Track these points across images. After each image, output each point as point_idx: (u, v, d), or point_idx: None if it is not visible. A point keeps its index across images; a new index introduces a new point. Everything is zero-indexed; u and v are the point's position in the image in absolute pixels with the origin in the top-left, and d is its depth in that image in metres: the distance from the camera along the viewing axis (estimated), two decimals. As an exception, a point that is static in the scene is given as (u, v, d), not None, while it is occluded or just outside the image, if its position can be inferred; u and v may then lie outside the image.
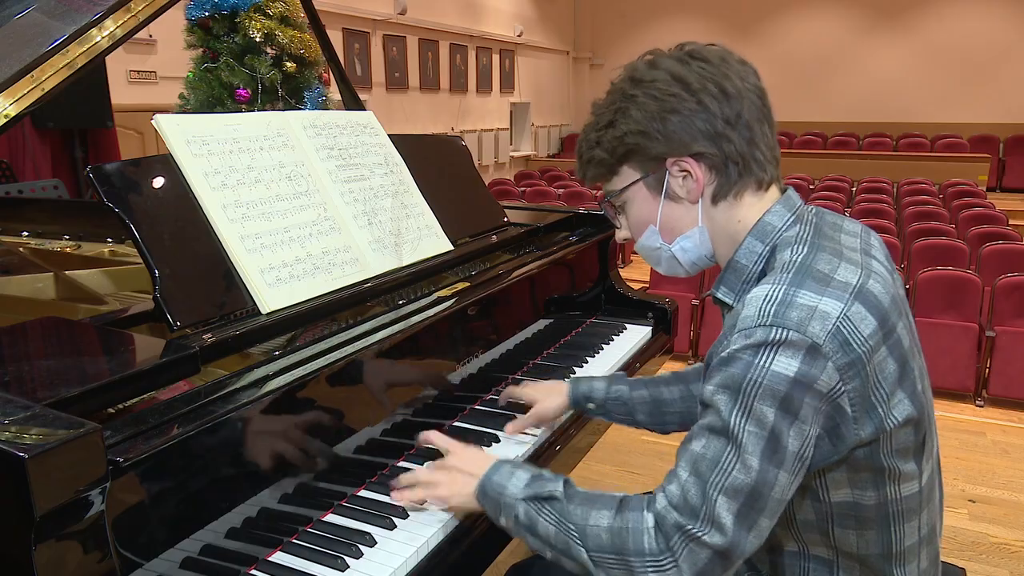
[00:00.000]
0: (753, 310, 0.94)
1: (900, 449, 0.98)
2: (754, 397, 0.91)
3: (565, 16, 13.46)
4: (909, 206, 6.63)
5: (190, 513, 0.99)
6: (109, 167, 1.25)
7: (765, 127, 1.05)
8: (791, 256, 1.00)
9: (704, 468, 0.93)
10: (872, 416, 0.94)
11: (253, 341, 1.23)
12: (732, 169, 1.04)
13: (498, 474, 1.11)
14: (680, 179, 1.06)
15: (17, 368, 1.05)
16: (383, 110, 8.08)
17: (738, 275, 1.08)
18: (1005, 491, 3.16)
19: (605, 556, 0.97)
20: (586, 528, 0.99)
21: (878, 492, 1.00)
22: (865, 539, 1.02)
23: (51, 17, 1.71)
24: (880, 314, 0.94)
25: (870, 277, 0.97)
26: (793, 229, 1.04)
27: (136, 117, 4.88)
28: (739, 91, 1.02)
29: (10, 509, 0.79)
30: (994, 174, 10.43)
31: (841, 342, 0.90)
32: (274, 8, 3.28)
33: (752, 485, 0.91)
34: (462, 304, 1.54)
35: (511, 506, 1.07)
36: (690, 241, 1.11)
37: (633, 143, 1.06)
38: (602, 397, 1.45)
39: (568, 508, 1.02)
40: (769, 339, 0.91)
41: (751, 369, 0.91)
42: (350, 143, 1.63)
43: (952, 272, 4.23)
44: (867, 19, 11.93)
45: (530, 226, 2.06)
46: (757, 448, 0.91)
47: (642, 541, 0.95)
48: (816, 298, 0.92)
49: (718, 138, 1.02)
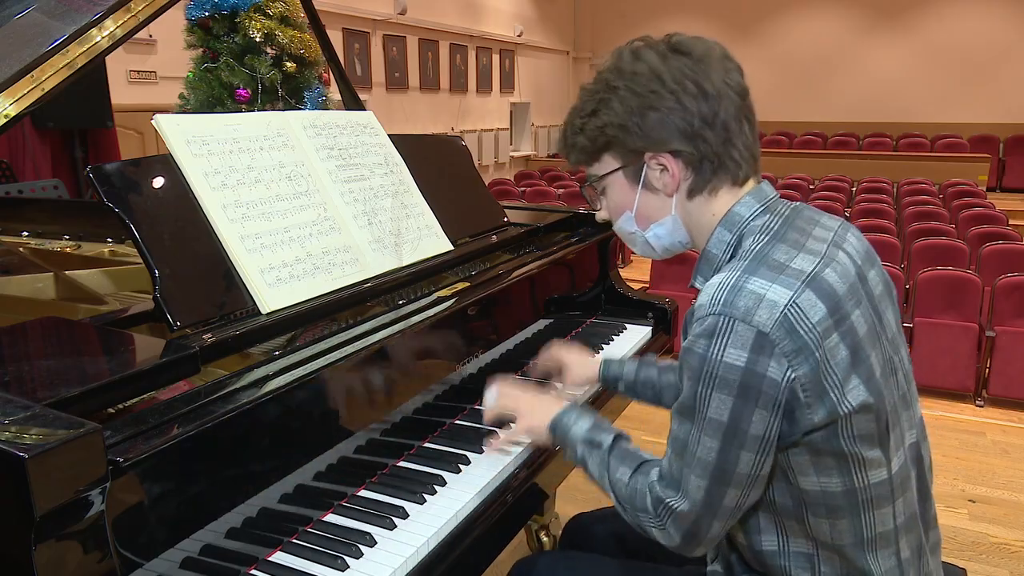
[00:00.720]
0: (706, 297, 0.98)
1: (861, 436, 0.99)
2: (712, 387, 0.97)
3: (565, 16, 13.46)
4: (909, 206, 6.62)
5: (190, 513, 0.99)
6: (109, 167, 1.25)
7: (744, 125, 1.07)
8: (751, 245, 1.04)
9: (678, 446, 1.03)
10: (824, 401, 0.96)
11: (253, 341, 1.23)
12: (707, 167, 1.08)
13: (567, 415, 1.27)
14: (657, 172, 1.10)
15: (17, 368, 1.05)
16: (383, 110, 8.08)
17: (709, 264, 1.12)
18: (1005, 491, 3.16)
19: (624, 504, 1.13)
20: (614, 479, 1.15)
21: (843, 479, 1.01)
22: (838, 528, 1.04)
23: (51, 17, 1.71)
24: (832, 302, 0.97)
25: (828, 266, 1.00)
26: (761, 219, 1.08)
27: (136, 117, 4.88)
28: (718, 90, 1.04)
29: (10, 509, 0.79)
30: (994, 174, 10.43)
31: (788, 329, 0.94)
32: (274, 8, 3.28)
33: (714, 463, 0.99)
34: (462, 304, 1.54)
35: (572, 445, 1.23)
36: (663, 228, 1.16)
37: (613, 135, 1.10)
38: (632, 380, 1.54)
39: (608, 459, 1.17)
40: (717, 327, 0.96)
41: (705, 362, 0.96)
42: (350, 143, 1.63)
43: (952, 272, 4.23)
44: (867, 19, 11.92)
45: (530, 226, 2.06)
46: (718, 433, 0.98)
47: (645, 502, 1.09)
48: (766, 285, 0.96)
49: (694, 137, 1.05)
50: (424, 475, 1.31)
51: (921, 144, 11.09)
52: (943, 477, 3.25)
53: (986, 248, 4.79)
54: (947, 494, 3.11)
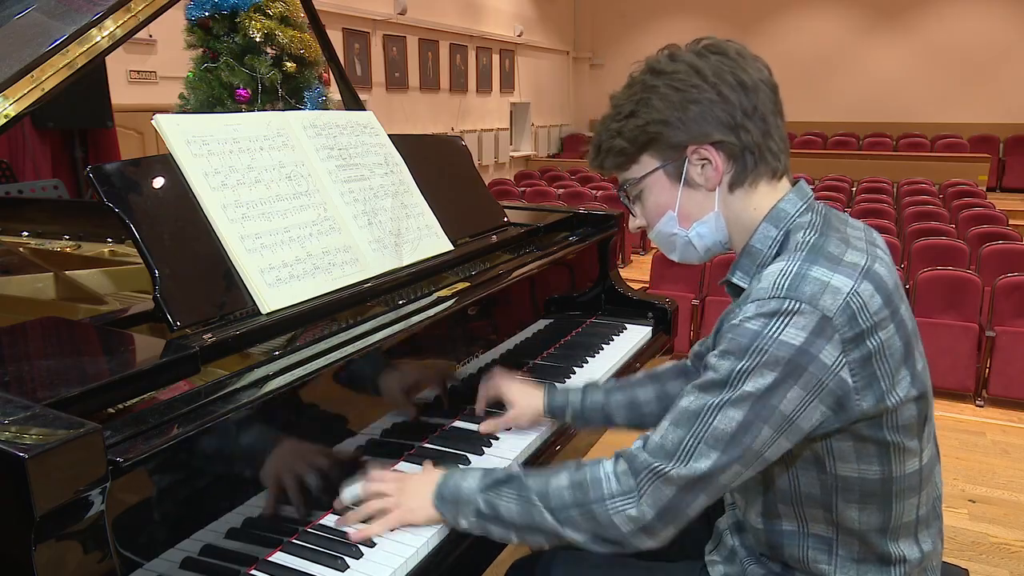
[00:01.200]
0: (768, 283, 0.98)
1: (905, 425, 1.02)
2: (756, 362, 0.96)
3: (565, 16, 13.45)
4: (909, 206, 6.63)
5: (190, 513, 0.99)
6: (109, 167, 1.24)
7: (778, 119, 1.10)
8: (804, 238, 1.05)
9: (686, 417, 1.00)
10: (874, 389, 0.97)
11: (253, 341, 1.23)
12: (749, 158, 1.08)
13: (452, 478, 1.16)
14: (699, 167, 1.10)
15: (17, 368, 1.05)
16: (383, 110, 8.08)
17: (753, 259, 1.11)
18: (1005, 491, 3.16)
19: (569, 512, 1.04)
20: (547, 491, 1.06)
21: (883, 467, 1.03)
22: (866, 513, 1.06)
23: (51, 17, 1.71)
24: (886, 294, 0.99)
25: (876, 261, 1.02)
26: (806, 216, 1.09)
27: (136, 117, 4.88)
28: (755, 84, 1.07)
29: (10, 509, 0.79)
30: (994, 174, 10.43)
31: (850, 316, 0.95)
32: (274, 8, 3.28)
33: (732, 433, 0.97)
34: (462, 304, 1.54)
35: (470, 501, 1.12)
36: (706, 227, 1.14)
37: (655, 131, 1.09)
38: (579, 407, 1.46)
39: (526, 482, 1.09)
40: (782, 309, 0.96)
41: (758, 337, 0.96)
42: (350, 143, 1.63)
43: (952, 272, 4.23)
44: (867, 19, 11.92)
45: (530, 226, 2.05)
46: (746, 404, 0.96)
47: (601, 487, 1.03)
48: (828, 274, 0.97)
49: (736, 128, 1.06)
50: (424, 475, 1.31)
51: (921, 144, 11.09)
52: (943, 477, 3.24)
53: (986, 248, 4.79)
54: (947, 494, 3.10)
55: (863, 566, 1.09)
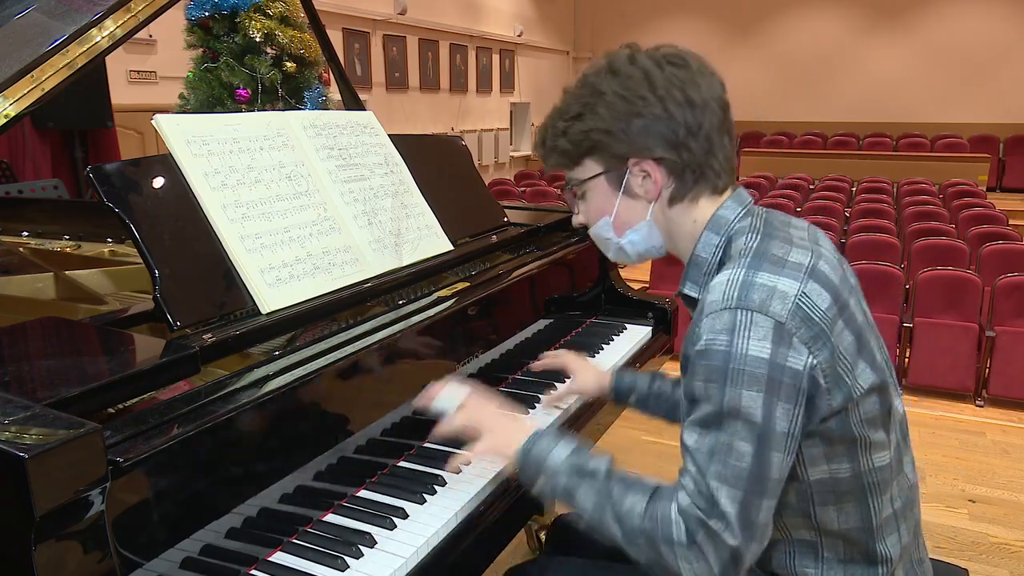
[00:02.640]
0: (717, 294, 0.99)
1: (868, 419, 1.02)
2: (741, 384, 0.95)
3: (565, 16, 13.45)
4: (909, 206, 6.62)
5: (190, 513, 0.99)
6: (109, 167, 1.25)
7: (725, 138, 1.09)
8: (746, 243, 1.06)
9: (703, 461, 0.97)
10: (841, 385, 0.99)
11: (253, 341, 1.23)
12: (689, 176, 1.09)
13: (541, 441, 1.13)
14: (640, 179, 1.11)
15: (17, 368, 1.05)
16: (383, 110, 8.08)
17: (699, 268, 1.13)
18: (1005, 491, 3.16)
19: (637, 538, 1.01)
20: (621, 511, 1.02)
21: (852, 464, 1.04)
22: (845, 513, 1.06)
23: (51, 17, 1.71)
24: (833, 290, 1.00)
25: (820, 259, 1.03)
26: (745, 220, 1.10)
27: (136, 117, 4.87)
28: (704, 101, 1.06)
29: (10, 509, 0.79)
30: (994, 174, 10.41)
31: (802, 317, 0.96)
32: (274, 8, 3.28)
33: (749, 470, 0.94)
34: (462, 304, 1.54)
35: (552, 475, 1.10)
36: (638, 235, 1.16)
37: (597, 140, 1.10)
38: (646, 392, 1.50)
39: (608, 487, 1.05)
40: (736, 321, 0.96)
41: (731, 358, 0.95)
42: (350, 143, 1.63)
43: (952, 272, 4.23)
44: (867, 19, 11.92)
45: (530, 226, 2.06)
46: (751, 435, 0.94)
47: (671, 532, 0.97)
48: (774, 278, 0.98)
49: (678, 146, 1.07)
50: (424, 475, 1.31)
51: (921, 144, 11.09)
52: (943, 477, 3.25)
53: (986, 248, 4.78)
54: (947, 494, 3.11)
55: (851, 567, 1.09)
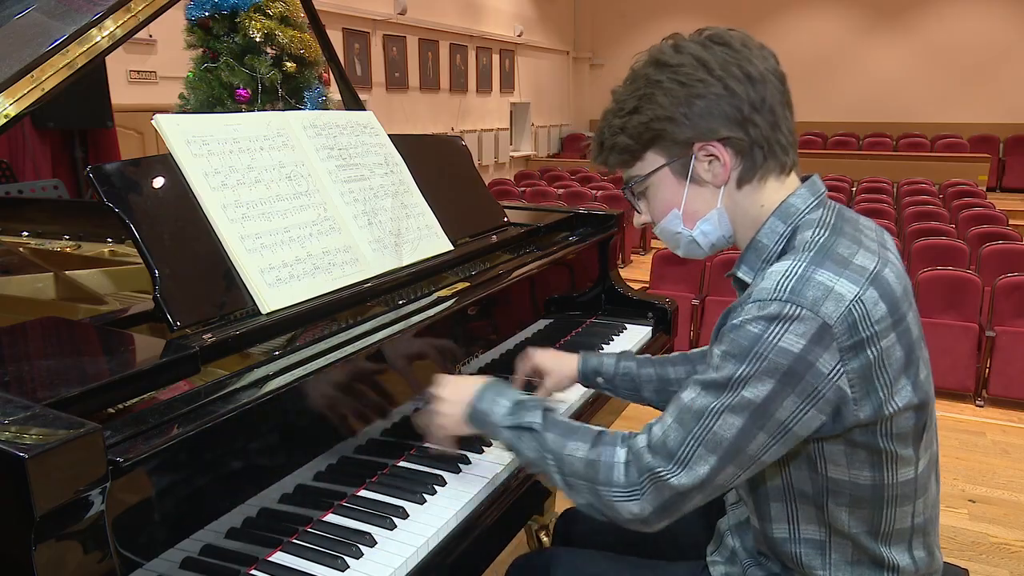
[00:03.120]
0: (771, 283, 0.96)
1: (899, 434, 1.00)
2: (757, 368, 0.94)
3: (565, 16, 13.45)
4: (909, 206, 6.63)
5: (190, 513, 0.99)
6: (109, 167, 1.24)
7: (786, 111, 1.06)
8: (812, 236, 1.02)
9: (689, 418, 0.99)
10: (872, 399, 0.96)
11: (253, 341, 1.23)
12: (758, 153, 1.05)
13: (482, 402, 1.18)
14: (707, 163, 1.07)
15: (17, 368, 1.05)
16: (383, 110, 8.08)
17: (758, 254, 1.09)
18: (1005, 491, 3.16)
19: (578, 481, 1.06)
20: (562, 456, 1.07)
21: (874, 473, 1.02)
22: (856, 517, 1.05)
23: (51, 17, 1.71)
24: (892, 301, 0.96)
25: (886, 266, 1.00)
26: (816, 212, 1.06)
27: (136, 117, 4.88)
28: (762, 75, 1.03)
29: (10, 509, 0.79)
30: (994, 174, 10.42)
31: (850, 324, 0.93)
32: (274, 8, 3.28)
33: (730, 440, 0.96)
34: (462, 304, 1.54)
35: (497, 431, 1.16)
36: (709, 224, 1.12)
37: (660, 128, 1.06)
38: (611, 373, 1.49)
39: (546, 437, 1.10)
40: (782, 313, 0.93)
41: (759, 342, 0.94)
42: (350, 143, 1.63)
43: (952, 272, 4.23)
44: (867, 19, 11.92)
45: (530, 226, 2.05)
46: (745, 412, 0.95)
47: (611, 474, 1.03)
48: (834, 279, 0.95)
49: (744, 122, 1.03)
50: (424, 475, 1.31)
51: (921, 144, 11.09)
52: (943, 477, 3.23)
53: (986, 248, 4.79)
54: (947, 494, 3.11)
55: (857, 568, 1.08)
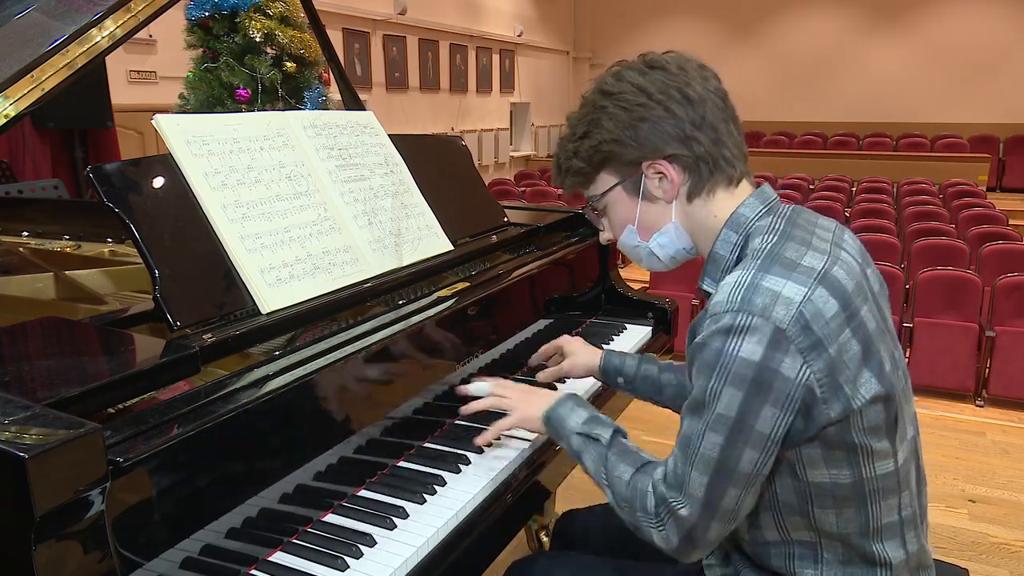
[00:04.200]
0: (723, 296, 1.00)
1: (871, 427, 1.02)
2: (724, 381, 0.97)
3: (565, 16, 13.45)
4: (909, 206, 6.62)
5: (190, 513, 0.99)
6: (109, 167, 1.24)
7: (730, 126, 1.12)
8: (761, 244, 1.06)
9: (684, 444, 1.04)
10: (839, 396, 0.98)
11: (253, 341, 1.23)
12: (703, 167, 1.11)
13: (563, 406, 1.26)
14: (656, 180, 1.13)
15: (17, 368, 1.05)
16: (383, 110, 8.08)
17: (717, 265, 1.14)
18: (1005, 491, 3.16)
19: (622, 503, 1.13)
20: (613, 476, 1.14)
21: (853, 471, 1.03)
22: (844, 517, 1.06)
23: (51, 17, 1.71)
24: (843, 298, 0.99)
25: (836, 263, 1.03)
26: (765, 219, 1.11)
27: (136, 117, 4.88)
28: (700, 96, 1.09)
29: (10, 509, 0.79)
30: (994, 174, 10.42)
31: (803, 325, 0.96)
32: (274, 8, 3.28)
33: (717, 459, 0.99)
34: (462, 304, 1.54)
35: (568, 436, 1.23)
36: (665, 237, 1.18)
37: (608, 150, 1.13)
38: (632, 374, 1.53)
39: (607, 454, 1.17)
40: (735, 324, 0.97)
41: (721, 355, 0.98)
42: (350, 143, 1.63)
43: (952, 272, 4.23)
44: (867, 19, 11.92)
45: (530, 226, 2.05)
46: (724, 428, 0.98)
47: (644, 502, 1.09)
48: (781, 283, 0.98)
49: (687, 140, 1.09)
50: (424, 475, 1.31)
51: (921, 144, 11.09)
52: (943, 477, 3.25)
53: (986, 248, 4.79)
54: (947, 494, 3.11)
55: (849, 567, 1.09)
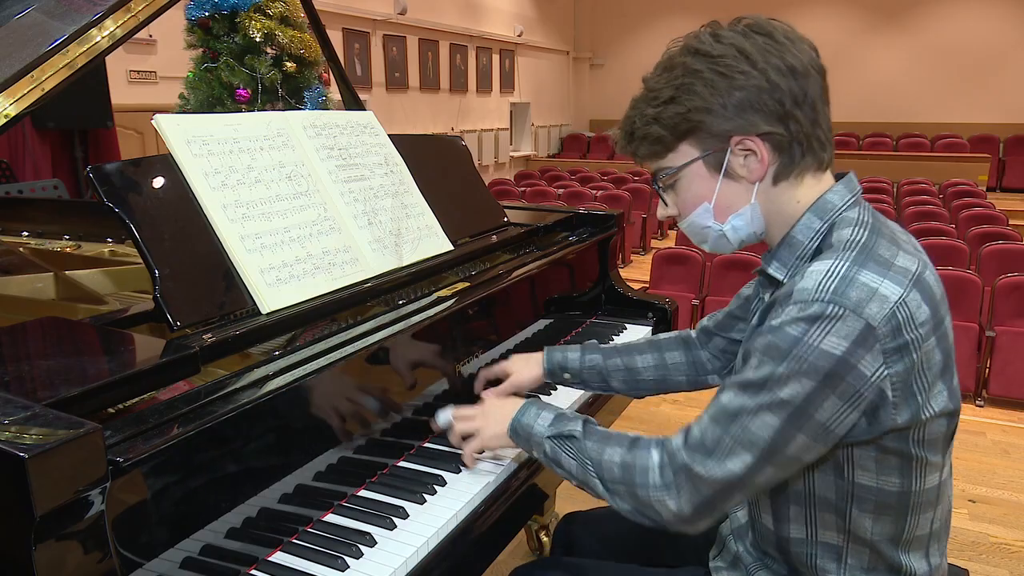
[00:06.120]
0: (812, 283, 0.93)
1: (931, 440, 0.98)
2: (796, 370, 0.92)
3: (565, 16, 13.45)
4: (909, 206, 6.63)
5: (190, 513, 0.99)
6: (109, 167, 1.24)
7: (826, 106, 1.04)
8: (852, 236, 0.99)
9: (725, 415, 0.98)
10: (911, 403, 0.94)
11: (253, 341, 1.23)
12: (796, 149, 1.02)
13: (525, 416, 1.21)
14: (742, 158, 1.03)
15: (17, 368, 1.05)
16: (383, 110, 8.08)
17: (792, 251, 1.06)
18: (1005, 491, 3.16)
19: (617, 486, 1.07)
20: (601, 462, 1.09)
21: (903, 480, 1.00)
22: (880, 524, 1.03)
23: (51, 17, 1.71)
24: (933, 304, 0.95)
25: (926, 268, 0.98)
26: (853, 211, 1.03)
27: (136, 117, 4.88)
28: (805, 68, 1.00)
29: (10, 509, 0.79)
30: (994, 174, 10.42)
31: (895, 326, 0.91)
32: (274, 8, 3.29)
33: (768, 440, 0.94)
34: (462, 304, 1.54)
35: (539, 443, 1.18)
36: (742, 219, 1.08)
37: (697, 120, 1.02)
38: (577, 367, 1.48)
39: (586, 445, 1.12)
40: (825, 314, 0.91)
41: (799, 344, 0.92)
42: (350, 143, 1.63)
43: (952, 272, 4.23)
44: (867, 19, 11.92)
45: (530, 226, 2.05)
46: (783, 412, 0.93)
47: (646, 476, 1.03)
48: (878, 280, 0.92)
49: (786, 117, 1.00)
50: (424, 475, 1.31)
51: (921, 144, 11.09)
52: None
53: (986, 248, 4.79)
54: (947, 494, 3.10)
55: (872, 575, 1.06)
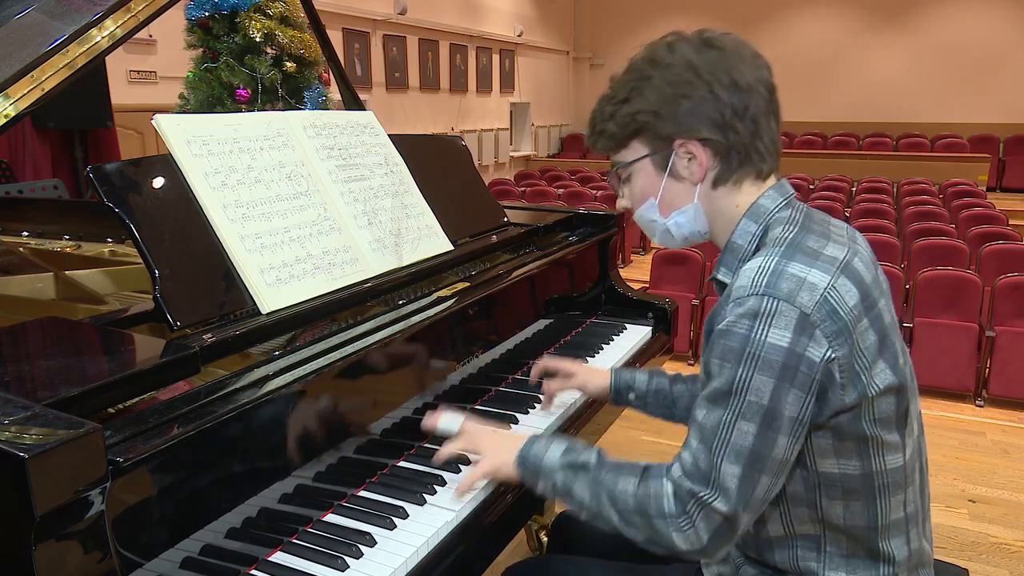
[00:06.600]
0: (746, 280, 1.00)
1: (882, 418, 1.03)
2: (754, 368, 0.97)
3: (565, 16, 13.45)
4: (909, 206, 6.63)
5: (190, 513, 0.99)
6: (109, 167, 1.25)
7: (771, 121, 1.10)
8: (782, 233, 1.07)
9: (708, 435, 1.01)
10: (856, 383, 0.99)
11: (253, 341, 1.23)
12: (735, 157, 1.10)
13: (533, 447, 1.20)
14: (685, 160, 1.12)
15: (17, 368, 1.05)
16: (383, 110, 8.08)
17: (734, 254, 1.13)
18: (1005, 491, 3.16)
19: (631, 517, 1.07)
20: (615, 493, 1.08)
21: (863, 462, 1.04)
22: (851, 510, 1.06)
23: (51, 17, 1.71)
24: (863, 288, 1.01)
25: (855, 256, 1.05)
26: (785, 212, 1.11)
27: (136, 117, 4.88)
28: (749, 84, 1.07)
29: (10, 509, 0.79)
30: (994, 174, 10.42)
31: (829, 311, 0.97)
32: (274, 8, 3.29)
33: (750, 448, 0.98)
34: (462, 304, 1.54)
35: (548, 476, 1.17)
36: (684, 217, 1.17)
37: (644, 121, 1.11)
38: (644, 389, 1.50)
39: (600, 476, 1.11)
40: (761, 309, 0.97)
41: (749, 342, 0.97)
42: (350, 143, 1.63)
43: (952, 272, 4.23)
44: (867, 19, 11.92)
45: (530, 226, 2.05)
46: (756, 416, 0.97)
47: (663, 505, 1.04)
48: (805, 270, 0.99)
49: (725, 127, 1.07)
50: (424, 475, 1.31)
51: (921, 144, 11.09)
52: (943, 477, 3.25)
53: (986, 248, 4.79)
54: (947, 494, 3.11)
55: (852, 561, 1.09)
